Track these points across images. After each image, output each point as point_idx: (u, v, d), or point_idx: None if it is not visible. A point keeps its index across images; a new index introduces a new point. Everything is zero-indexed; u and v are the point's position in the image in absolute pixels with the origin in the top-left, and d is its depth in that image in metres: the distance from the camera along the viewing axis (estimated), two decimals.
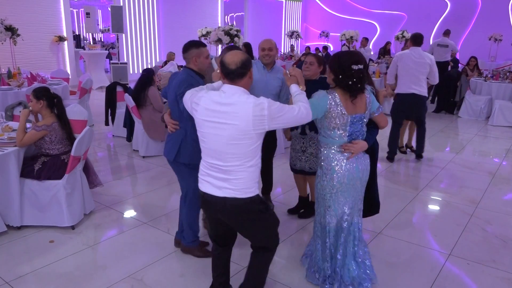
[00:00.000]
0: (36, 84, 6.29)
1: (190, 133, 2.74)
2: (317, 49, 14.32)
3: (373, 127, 2.62)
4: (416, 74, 5.20)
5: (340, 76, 2.36)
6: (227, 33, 7.20)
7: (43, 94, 3.44)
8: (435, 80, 5.31)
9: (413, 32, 5.52)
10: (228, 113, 2.02)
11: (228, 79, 2.11)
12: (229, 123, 2.02)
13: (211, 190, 2.16)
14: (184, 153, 2.79)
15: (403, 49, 13.23)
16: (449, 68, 9.64)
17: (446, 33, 9.94)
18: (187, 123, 2.72)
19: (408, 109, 5.39)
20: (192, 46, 2.79)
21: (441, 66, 9.57)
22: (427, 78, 5.27)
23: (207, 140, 2.12)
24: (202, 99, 2.12)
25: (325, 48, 13.09)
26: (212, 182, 2.15)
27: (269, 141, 3.65)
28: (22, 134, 3.37)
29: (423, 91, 5.22)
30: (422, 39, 5.32)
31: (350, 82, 2.34)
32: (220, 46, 8.34)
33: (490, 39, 13.71)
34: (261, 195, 4.07)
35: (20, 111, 3.94)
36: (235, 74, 2.08)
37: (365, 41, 12.33)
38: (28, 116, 3.46)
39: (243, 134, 2.02)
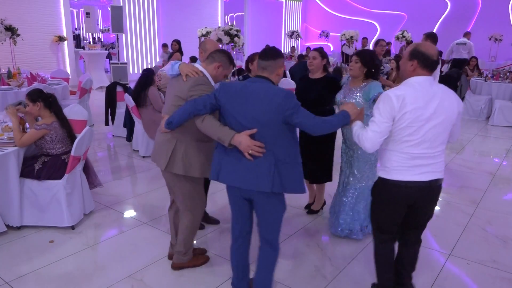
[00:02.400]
0: (36, 84, 6.29)
1: (286, 155, 2.28)
2: (308, 48, 14.27)
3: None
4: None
5: (373, 70, 3.13)
6: (227, 33, 7.18)
7: (38, 96, 3.42)
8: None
9: (425, 32, 5.49)
10: (439, 102, 2.15)
11: (428, 71, 2.20)
12: (443, 111, 2.17)
13: (416, 178, 2.23)
14: (282, 180, 2.25)
15: (401, 48, 13.24)
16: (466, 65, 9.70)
17: (466, 34, 10.49)
18: (283, 142, 2.26)
19: None
20: (280, 55, 2.34)
21: (458, 62, 9.67)
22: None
23: (419, 135, 2.17)
24: (405, 99, 2.13)
25: (321, 48, 13.01)
26: (417, 170, 2.23)
27: None
28: (18, 134, 3.36)
29: None
30: (436, 38, 5.31)
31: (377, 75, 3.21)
32: (220, 46, 8.34)
33: (490, 39, 13.70)
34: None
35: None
36: (436, 64, 2.20)
37: (365, 41, 12.38)
38: (15, 114, 3.42)
39: (451, 120, 2.23)
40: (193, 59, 8.02)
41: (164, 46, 10.23)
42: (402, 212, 2.38)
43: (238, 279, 2.56)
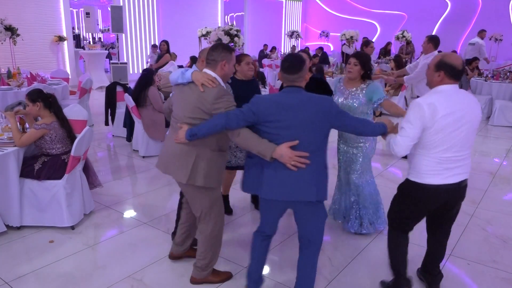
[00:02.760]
0: (36, 84, 6.29)
1: (325, 160, 2.35)
2: (307, 48, 14.34)
3: None
4: None
5: (369, 72, 3.25)
6: (227, 33, 7.18)
7: (37, 96, 3.43)
8: None
9: (431, 35, 5.54)
10: (466, 108, 2.30)
11: (455, 80, 2.32)
12: (470, 116, 2.31)
13: (446, 180, 2.35)
14: (324, 187, 2.34)
15: (401, 48, 13.24)
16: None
17: (480, 32, 10.62)
18: (322, 148, 2.32)
19: None
20: (304, 62, 2.33)
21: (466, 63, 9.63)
22: None
23: (450, 139, 2.30)
24: (436, 107, 2.24)
25: (321, 49, 13.07)
26: (447, 173, 2.35)
27: None
28: (18, 134, 3.36)
29: None
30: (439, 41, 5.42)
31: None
32: None
33: (490, 39, 13.70)
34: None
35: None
36: (461, 74, 2.34)
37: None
38: (13, 116, 3.43)
39: (477, 124, 2.38)
40: (193, 59, 8.03)
41: (154, 46, 9.91)
42: (426, 213, 2.57)
43: (257, 272, 2.58)
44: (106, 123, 6.64)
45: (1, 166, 3.25)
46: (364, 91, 3.21)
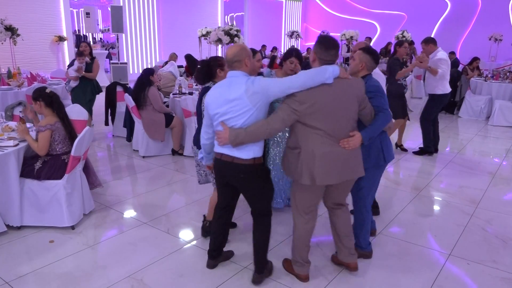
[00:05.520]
0: (36, 84, 6.30)
1: None
2: (308, 49, 14.34)
3: None
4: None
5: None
6: (227, 33, 7.20)
7: (38, 94, 3.45)
8: None
9: (426, 38, 5.64)
10: None
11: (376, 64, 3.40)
12: None
13: None
14: None
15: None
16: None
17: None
18: None
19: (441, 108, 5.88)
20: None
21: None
22: None
23: None
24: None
25: None
26: None
27: None
28: (36, 143, 3.39)
29: None
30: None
31: None
32: (220, 46, 8.35)
33: (490, 39, 13.71)
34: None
35: (20, 112, 3.95)
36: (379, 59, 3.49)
37: (369, 40, 12.50)
38: (27, 132, 3.42)
39: None
40: (189, 58, 8.06)
41: (80, 54, 6.85)
42: None
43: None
44: (106, 123, 6.64)
45: (1, 166, 3.25)
46: None
